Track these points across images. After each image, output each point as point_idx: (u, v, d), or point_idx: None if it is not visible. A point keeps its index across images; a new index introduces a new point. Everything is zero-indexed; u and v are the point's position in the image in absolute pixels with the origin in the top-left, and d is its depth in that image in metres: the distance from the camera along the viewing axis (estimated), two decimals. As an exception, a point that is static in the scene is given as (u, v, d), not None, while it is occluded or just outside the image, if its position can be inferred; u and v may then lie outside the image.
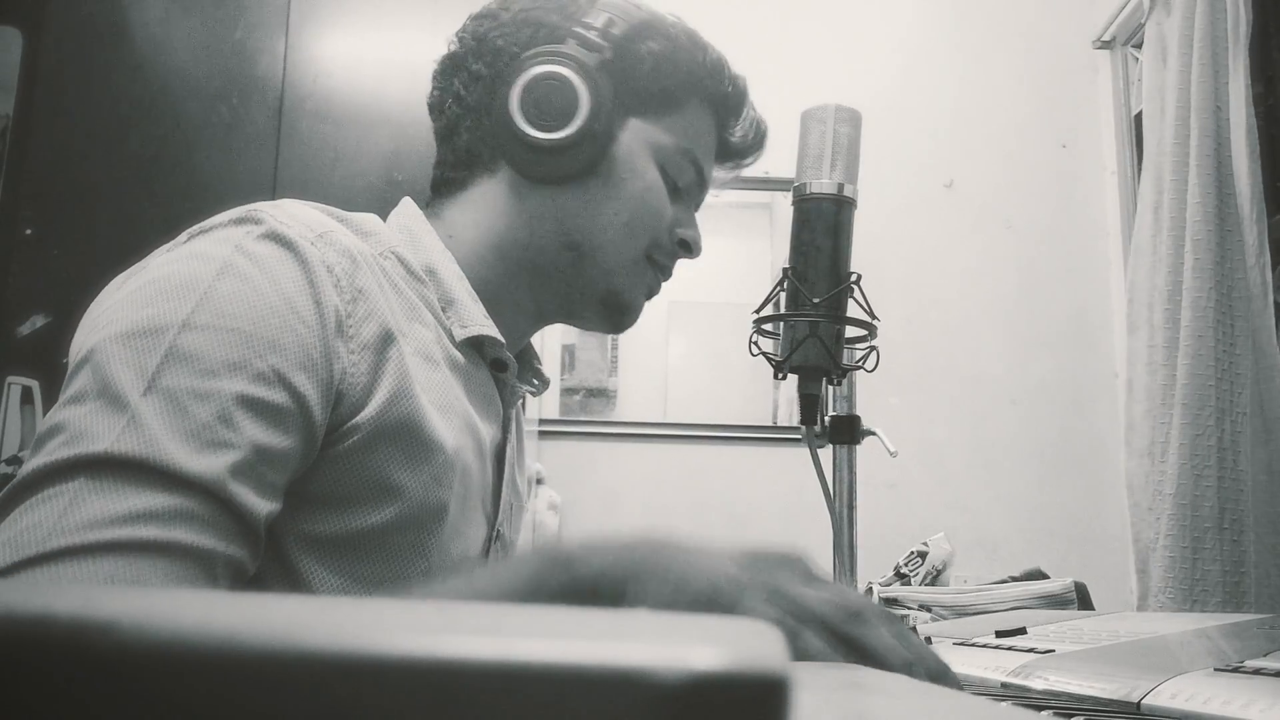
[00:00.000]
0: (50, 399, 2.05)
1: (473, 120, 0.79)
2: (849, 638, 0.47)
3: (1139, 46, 2.58)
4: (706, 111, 0.82)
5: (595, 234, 0.77)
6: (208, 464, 0.52)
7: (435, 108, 0.82)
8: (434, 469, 0.64)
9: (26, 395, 1.97)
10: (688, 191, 0.82)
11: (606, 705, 0.14)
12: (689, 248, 0.82)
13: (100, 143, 2.09)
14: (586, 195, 0.77)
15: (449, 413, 0.68)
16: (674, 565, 0.48)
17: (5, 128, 2.10)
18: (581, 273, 0.78)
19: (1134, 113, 2.65)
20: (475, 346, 0.75)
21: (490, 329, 0.74)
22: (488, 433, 0.75)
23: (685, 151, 0.80)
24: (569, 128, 0.75)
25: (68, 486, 0.50)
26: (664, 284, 0.84)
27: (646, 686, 0.14)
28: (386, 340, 0.63)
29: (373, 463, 0.62)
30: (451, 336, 0.73)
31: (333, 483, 0.61)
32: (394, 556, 0.63)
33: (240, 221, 0.62)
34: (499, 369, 0.77)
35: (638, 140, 0.78)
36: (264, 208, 0.64)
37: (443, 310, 0.73)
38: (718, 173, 0.87)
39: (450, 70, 0.81)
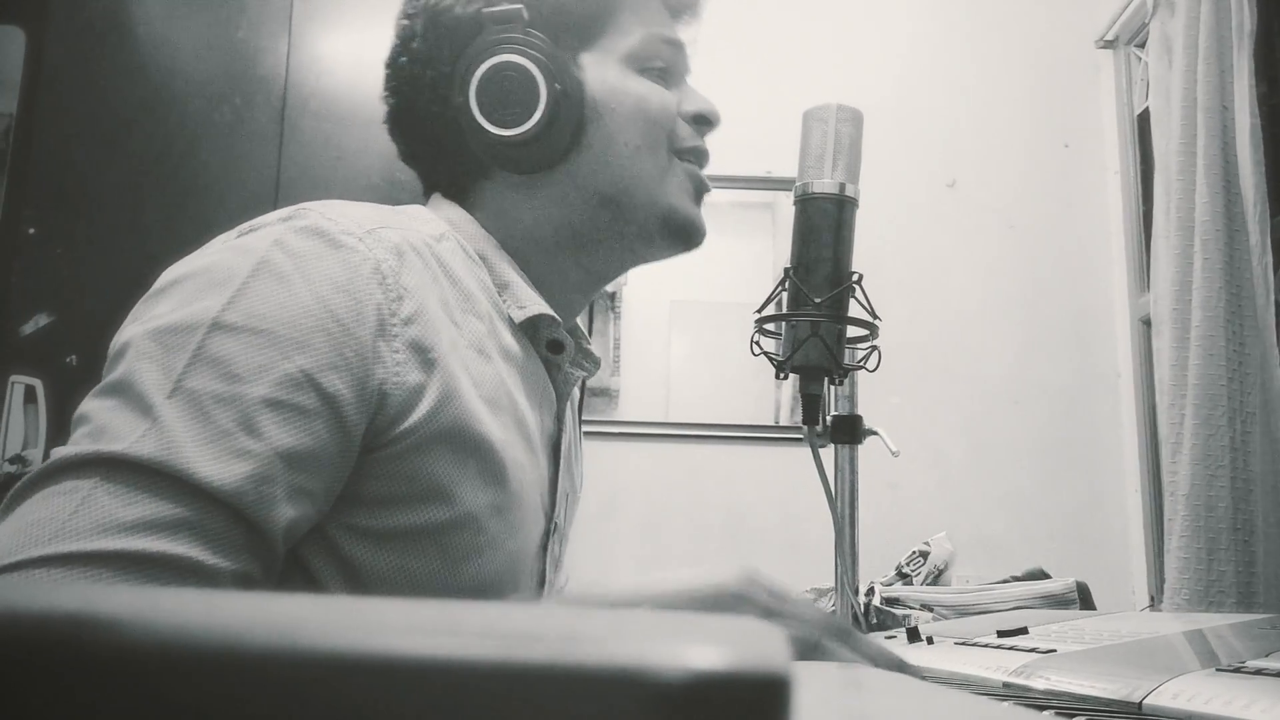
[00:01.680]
0: (53, 398, 2.06)
1: (447, 152, 0.76)
2: None
3: (1142, 46, 2.57)
4: None
5: (621, 174, 0.75)
6: (225, 472, 0.52)
7: (405, 157, 0.80)
8: (488, 467, 0.64)
9: (29, 394, 1.97)
10: (673, 68, 0.78)
11: (608, 704, 0.14)
12: (706, 119, 0.78)
13: (103, 142, 2.09)
14: (591, 150, 0.74)
15: (499, 408, 0.67)
16: None
17: (8, 127, 2.11)
18: (630, 218, 0.76)
19: (1137, 112, 2.64)
20: (529, 332, 0.74)
21: (546, 308, 0.73)
22: (540, 425, 0.73)
23: (649, 39, 0.76)
24: (538, 109, 0.71)
25: (83, 483, 0.50)
26: (705, 169, 0.80)
27: (648, 686, 0.14)
28: (435, 339, 0.62)
29: (427, 466, 0.61)
30: (510, 321, 0.71)
31: (386, 485, 0.60)
32: (448, 554, 0.62)
33: (287, 219, 0.61)
34: (555, 350, 0.75)
35: (603, 67, 0.75)
36: (312, 205, 0.63)
37: (498, 293, 0.72)
38: (684, 30, 0.82)
39: (402, 124, 0.78)
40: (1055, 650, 0.69)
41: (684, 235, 0.78)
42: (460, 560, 0.63)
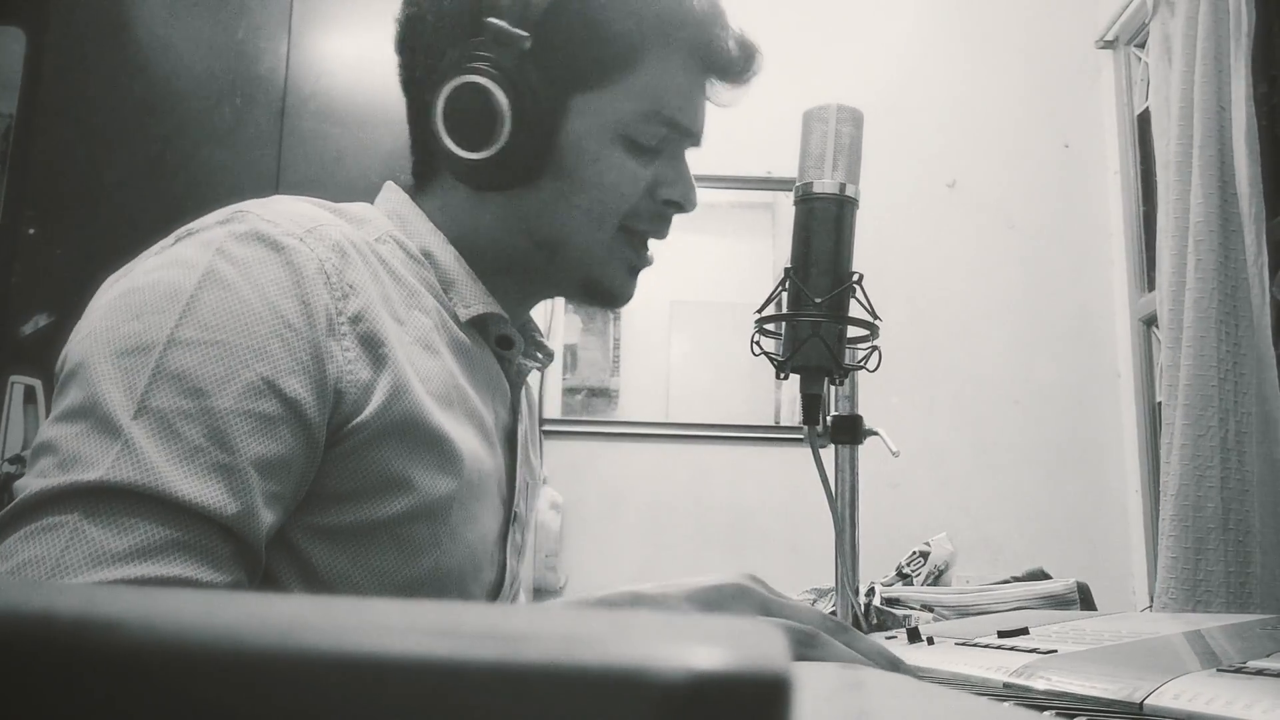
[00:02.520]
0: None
1: (416, 129, 0.76)
2: (809, 660, 0.54)
3: (1142, 46, 2.57)
4: (673, 55, 0.74)
5: (560, 230, 0.74)
6: (205, 489, 0.52)
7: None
8: (442, 459, 0.64)
9: (29, 395, 1.97)
10: (666, 147, 0.75)
11: (610, 705, 0.14)
12: (679, 205, 0.77)
13: (103, 142, 2.09)
14: (542, 194, 0.73)
15: (449, 403, 0.67)
16: None
17: (8, 127, 2.11)
18: (557, 267, 0.76)
19: (1137, 112, 2.64)
20: (478, 327, 0.74)
21: (494, 306, 0.73)
22: (495, 416, 0.74)
23: (650, 114, 0.73)
24: (496, 140, 0.69)
25: (67, 518, 0.50)
26: (659, 242, 0.79)
27: (649, 686, 0.14)
28: (382, 335, 0.62)
29: (381, 459, 0.61)
30: (456, 318, 0.72)
31: (343, 480, 0.61)
32: (406, 547, 0.63)
33: (225, 222, 0.61)
34: (504, 346, 0.75)
35: (588, 119, 0.72)
36: (251, 206, 0.63)
37: (444, 291, 0.72)
38: (724, 94, 0.80)
39: (404, 72, 0.77)
40: (1056, 651, 0.69)
41: (601, 303, 0.80)
42: (419, 553, 0.63)
